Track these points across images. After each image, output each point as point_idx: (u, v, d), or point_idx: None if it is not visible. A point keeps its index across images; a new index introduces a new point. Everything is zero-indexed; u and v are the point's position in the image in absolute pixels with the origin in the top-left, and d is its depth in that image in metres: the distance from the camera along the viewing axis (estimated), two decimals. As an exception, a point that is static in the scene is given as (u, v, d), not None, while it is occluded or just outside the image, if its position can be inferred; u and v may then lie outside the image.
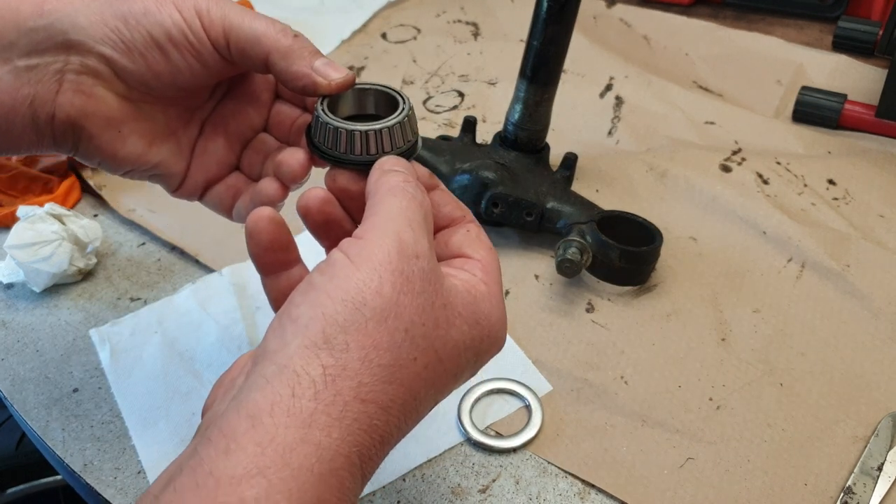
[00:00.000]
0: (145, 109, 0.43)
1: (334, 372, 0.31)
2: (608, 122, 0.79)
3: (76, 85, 0.40)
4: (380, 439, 0.33)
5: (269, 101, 0.47)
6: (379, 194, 0.37)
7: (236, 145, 0.47)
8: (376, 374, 0.32)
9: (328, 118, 0.41)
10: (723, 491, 0.48)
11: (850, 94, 0.78)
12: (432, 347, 0.34)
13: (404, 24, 0.97)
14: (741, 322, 0.58)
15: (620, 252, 0.57)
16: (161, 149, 0.44)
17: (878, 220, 0.66)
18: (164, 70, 0.41)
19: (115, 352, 0.57)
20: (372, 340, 0.32)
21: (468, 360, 0.37)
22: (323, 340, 0.32)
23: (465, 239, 0.40)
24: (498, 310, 0.38)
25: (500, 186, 0.61)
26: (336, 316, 0.32)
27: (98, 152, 0.42)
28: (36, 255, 0.59)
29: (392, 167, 0.38)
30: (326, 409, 0.31)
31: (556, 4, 0.58)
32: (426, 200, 0.38)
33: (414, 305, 0.33)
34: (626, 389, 0.54)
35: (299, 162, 0.43)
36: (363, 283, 0.33)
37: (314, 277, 0.34)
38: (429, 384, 0.34)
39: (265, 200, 0.44)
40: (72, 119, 0.41)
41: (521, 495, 0.48)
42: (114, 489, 0.49)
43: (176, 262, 0.65)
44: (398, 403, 0.33)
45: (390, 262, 0.33)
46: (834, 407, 0.52)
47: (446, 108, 0.82)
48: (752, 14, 0.96)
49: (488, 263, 0.39)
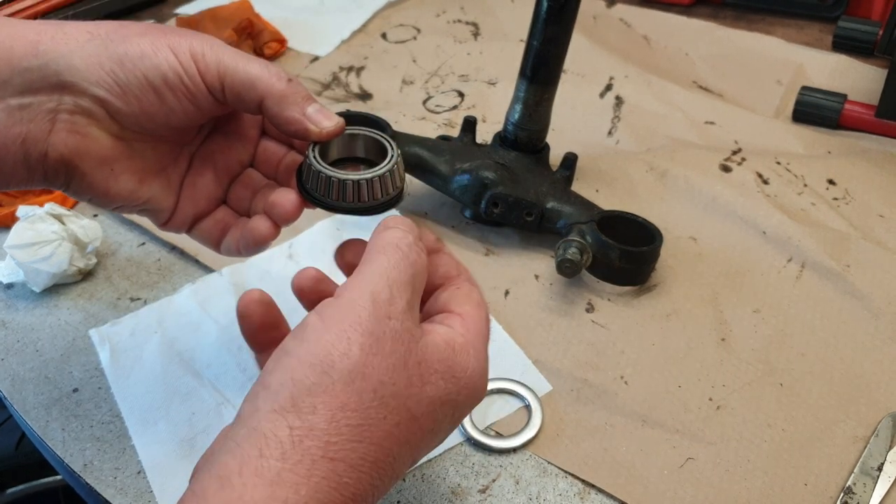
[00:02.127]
0: (137, 148, 0.43)
1: (301, 433, 0.32)
2: (608, 122, 0.79)
3: (70, 125, 0.40)
4: (351, 497, 0.33)
5: (256, 137, 0.48)
6: (371, 251, 0.37)
7: (224, 180, 0.47)
8: (344, 433, 0.33)
9: (320, 166, 0.42)
10: (723, 491, 0.48)
11: (850, 94, 0.78)
12: (404, 406, 0.34)
13: (404, 24, 0.97)
14: (741, 322, 0.58)
15: (620, 252, 0.57)
16: (152, 185, 0.45)
17: (878, 220, 0.66)
18: (158, 111, 0.41)
19: (114, 352, 0.57)
20: (339, 401, 0.33)
21: (445, 414, 0.37)
22: (291, 404, 0.33)
23: (453, 295, 0.40)
24: (476, 361, 0.38)
25: (500, 186, 0.61)
26: (304, 380, 0.33)
27: (90, 190, 0.43)
28: (36, 255, 0.59)
29: (396, 224, 0.39)
30: (294, 467, 0.31)
31: (556, 4, 0.58)
32: (421, 259, 0.38)
33: (384, 366, 0.34)
34: (626, 389, 0.54)
35: (292, 203, 0.44)
36: (331, 346, 0.34)
37: (287, 343, 0.35)
38: (402, 441, 0.35)
39: (258, 238, 0.45)
40: (65, 158, 0.41)
41: (521, 495, 0.48)
42: (114, 489, 0.49)
43: (176, 262, 0.65)
44: (369, 461, 0.33)
45: (360, 323, 0.34)
46: (834, 407, 0.52)
47: (446, 108, 0.82)
48: (752, 14, 0.96)
49: (471, 317, 0.39)
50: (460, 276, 0.42)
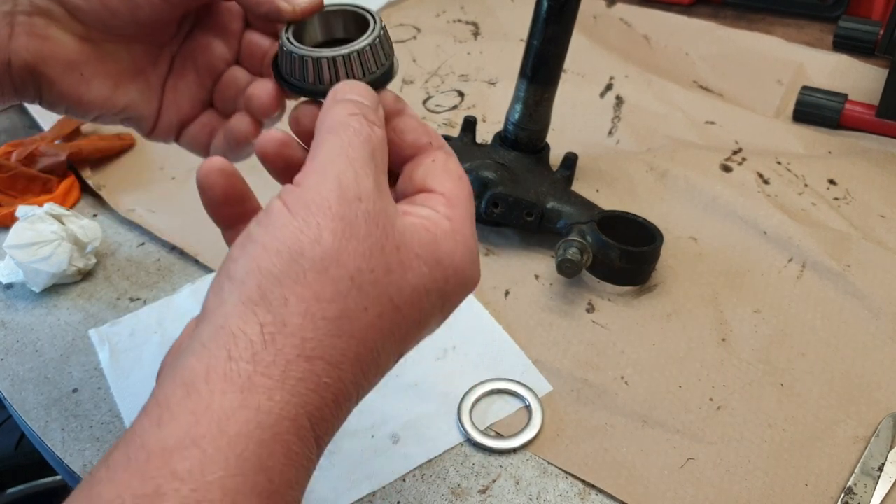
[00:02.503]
0: (108, 49, 0.41)
1: (273, 329, 0.29)
2: (608, 121, 0.79)
3: (29, 28, 0.38)
4: (333, 398, 0.30)
5: (239, 30, 0.44)
6: (321, 132, 0.33)
7: (207, 81, 0.44)
8: (321, 328, 0.29)
9: (292, 46, 0.38)
10: (723, 491, 0.48)
11: (850, 93, 0.78)
12: (385, 294, 0.31)
13: (404, 24, 0.97)
14: (742, 322, 0.58)
15: (620, 252, 0.57)
16: (129, 90, 0.42)
17: (879, 220, 0.66)
18: (120, 6, 0.39)
19: (114, 352, 0.57)
20: (312, 292, 0.29)
21: (433, 304, 0.33)
22: (259, 296, 0.29)
23: (430, 170, 0.36)
24: (465, 247, 0.34)
25: (500, 186, 0.61)
26: (272, 268, 0.30)
27: (62, 98, 0.40)
28: (35, 255, 0.59)
29: (345, 95, 0.35)
30: (266, 370, 0.28)
31: (556, 4, 0.58)
32: (375, 134, 0.34)
33: (359, 251, 0.30)
34: (627, 390, 0.54)
35: (269, 94, 0.40)
36: (300, 232, 0.30)
37: (251, 228, 0.31)
38: (386, 334, 0.31)
39: (238, 137, 0.42)
40: (29, 65, 0.38)
41: (522, 496, 0.48)
42: (113, 490, 0.48)
43: (175, 262, 0.64)
44: (350, 358, 0.30)
45: (329, 207, 0.30)
46: (834, 407, 0.52)
47: (446, 108, 0.82)
48: (753, 14, 0.96)
49: (454, 196, 0.35)
50: (432, 145, 0.37)
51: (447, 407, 0.52)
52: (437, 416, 0.52)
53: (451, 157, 0.37)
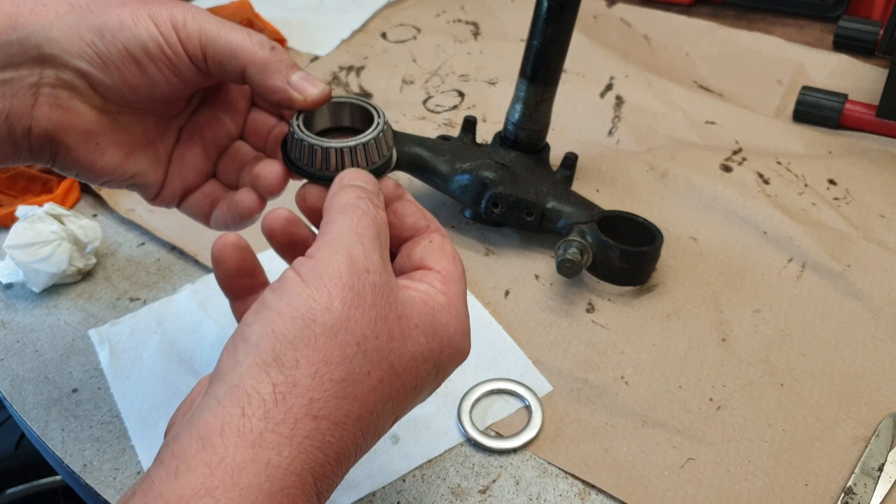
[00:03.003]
0: (122, 121, 0.43)
1: (284, 389, 0.31)
2: (608, 121, 0.79)
3: (52, 99, 0.40)
4: (335, 456, 0.32)
5: (245, 109, 0.47)
6: (331, 212, 0.37)
7: (213, 153, 0.47)
8: (328, 389, 0.32)
9: (303, 134, 0.41)
10: (723, 491, 0.48)
11: (850, 93, 0.78)
12: (387, 361, 0.34)
13: (404, 24, 0.97)
14: (742, 322, 0.58)
15: (621, 252, 0.57)
16: (139, 159, 0.44)
17: (879, 220, 0.66)
18: (140, 83, 0.41)
19: (114, 352, 0.57)
20: (322, 356, 0.32)
21: (428, 371, 0.36)
22: (273, 358, 0.32)
23: (427, 250, 0.39)
24: (457, 320, 0.37)
25: (500, 186, 0.61)
26: (286, 333, 0.32)
27: (76, 164, 0.42)
28: (35, 255, 0.59)
29: (351, 181, 0.38)
30: (276, 427, 0.31)
31: (557, 4, 0.58)
32: (380, 216, 0.37)
33: (365, 319, 0.33)
34: (627, 390, 0.54)
35: (276, 175, 0.43)
36: (312, 300, 0.33)
37: (267, 296, 0.34)
38: (386, 398, 0.34)
39: (243, 212, 0.44)
40: (49, 133, 0.40)
41: (522, 496, 0.48)
42: (113, 489, 0.48)
43: (175, 262, 0.64)
44: (353, 419, 0.33)
45: (340, 277, 0.33)
46: (834, 407, 0.52)
47: (446, 108, 0.82)
48: (753, 14, 0.96)
49: (448, 273, 0.38)
50: (429, 228, 0.41)
51: (447, 407, 0.52)
52: (436, 416, 0.52)
53: (447, 239, 0.40)
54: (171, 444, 0.31)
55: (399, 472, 0.49)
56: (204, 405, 0.32)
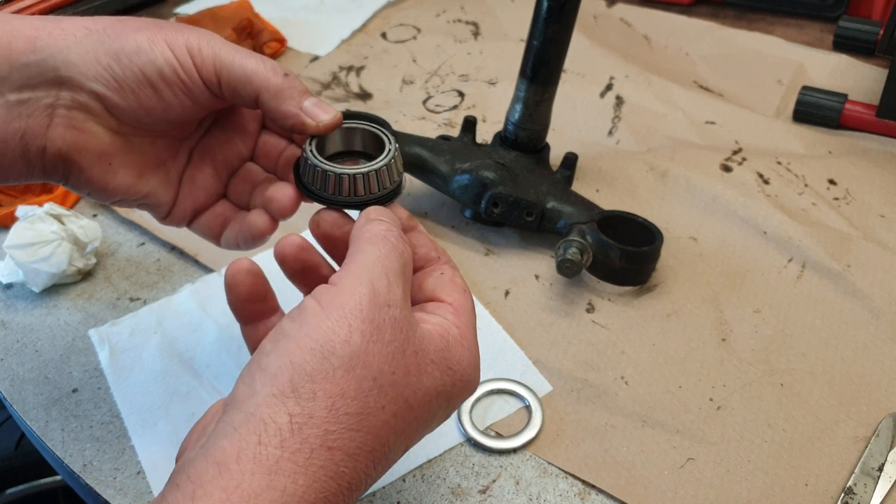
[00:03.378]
0: (135, 142, 0.43)
1: (301, 420, 0.32)
2: (608, 121, 0.79)
3: (67, 120, 0.40)
4: (347, 486, 0.33)
5: (256, 131, 0.47)
6: (360, 242, 0.37)
7: (223, 174, 0.47)
8: (343, 422, 0.32)
9: (317, 161, 0.42)
10: (723, 491, 0.48)
11: (850, 93, 0.78)
12: (402, 396, 0.34)
13: (404, 24, 0.97)
14: (742, 322, 0.58)
15: (621, 252, 0.57)
16: (150, 179, 0.45)
17: (879, 220, 0.66)
18: (155, 106, 0.41)
19: (114, 352, 0.57)
20: (339, 389, 0.33)
21: (440, 405, 0.37)
22: (290, 389, 0.32)
23: (439, 282, 0.40)
24: (470, 353, 0.38)
25: (500, 186, 0.61)
26: (304, 365, 0.33)
27: (88, 184, 0.43)
28: (35, 255, 0.59)
29: (377, 216, 0.39)
30: (292, 456, 0.31)
31: (557, 4, 0.58)
32: (407, 250, 0.38)
33: (383, 354, 0.34)
34: (627, 390, 0.54)
35: (289, 198, 0.44)
36: (332, 332, 0.33)
37: (285, 325, 0.35)
38: (398, 432, 0.35)
39: (255, 233, 0.45)
40: (63, 153, 0.41)
41: (522, 496, 0.48)
42: (113, 489, 0.48)
43: (175, 262, 0.64)
44: (366, 451, 0.33)
45: (361, 310, 0.34)
46: (834, 407, 0.52)
47: (446, 108, 0.82)
48: (753, 14, 0.96)
49: (460, 306, 0.39)
50: (440, 260, 0.41)
51: (447, 407, 0.52)
52: (437, 416, 0.52)
53: (457, 271, 0.41)
54: (186, 469, 0.31)
55: (399, 471, 0.49)
56: (220, 431, 0.32)
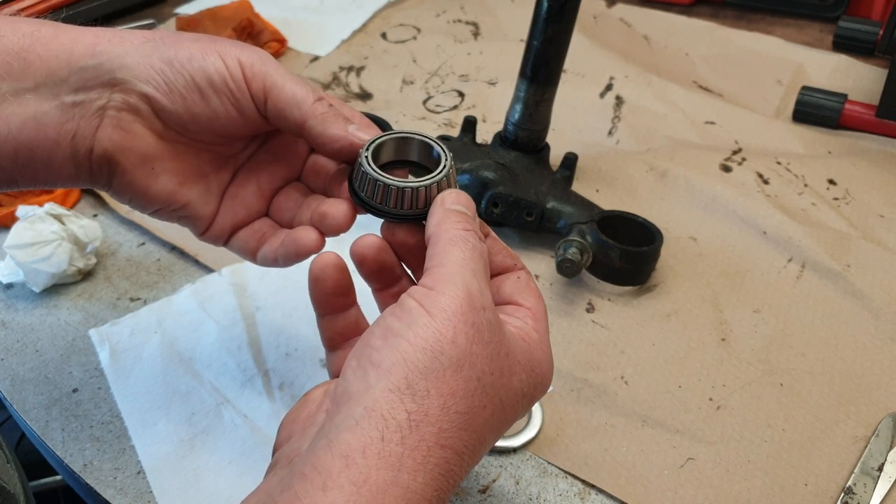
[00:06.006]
0: (179, 150, 0.44)
1: (417, 417, 0.33)
2: (608, 122, 0.79)
3: (116, 121, 0.41)
4: (453, 484, 0.34)
5: (305, 154, 0.48)
6: (441, 243, 0.38)
7: (268, 193, 0.48)
8: (454, 421, 0.34)
9: (377, 174, 0.41)
10: (723, 491, 0.48)
11: (850, 93, 0.78)
12: (497, 396, 0.36)
13: (404, 24, 0.97)
14: (741, 322, 0.58)
15: (620, 252, 0.57)
16: (191, 190, 0.45)
17: (879, 220, 0.66)
18: (202, 112, 0.42)
19: (114, 352, 0.57)
20: (449, 388, 0.34)
21: (524, 405, 0.38)
22: (406, 386, 0.33)
23: (517, 286, 0.41)
24: (548, 356, 0.39)
25: (500, 186, 0.61)
26: (417, 363, 0.34)
27: (130, 187, 0.43)
28: (35, 255, 0.59)
29: (453, 205, 0.40)
30: (412, 453, 0.32)
31: (557, 4, 0.58)
32: (484, 248, 0.39)
33: (484, 355, 0.35)
34: (627, 389, 0.54)
35: (344, 214, 0.43)
36: (440, 333, 0.34)
37: (391, 323, 0.35)
38: (493, 431, 0.36)
39: (301, 250, 0.44)
40: (108, 153, 0.42)
41: (522, 496, 0.48)
42: (113, 489, 0.49)
43: (176, 262, 0.64)
44: (470, 450, 0.34)
45: (462, 313, 0.35)
46: (834, 407, 0.52)
47: (446, 108, 0.82)
48: (753, 14, 0.96)
49: (538, 311, 0.40)
50: (516, 266, 0.43)
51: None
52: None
53: (531, 277, 0.43)
54: (309, 459, 0.32)
55: (399, 471, 0.49)
56: (340, 424, 0.33)
